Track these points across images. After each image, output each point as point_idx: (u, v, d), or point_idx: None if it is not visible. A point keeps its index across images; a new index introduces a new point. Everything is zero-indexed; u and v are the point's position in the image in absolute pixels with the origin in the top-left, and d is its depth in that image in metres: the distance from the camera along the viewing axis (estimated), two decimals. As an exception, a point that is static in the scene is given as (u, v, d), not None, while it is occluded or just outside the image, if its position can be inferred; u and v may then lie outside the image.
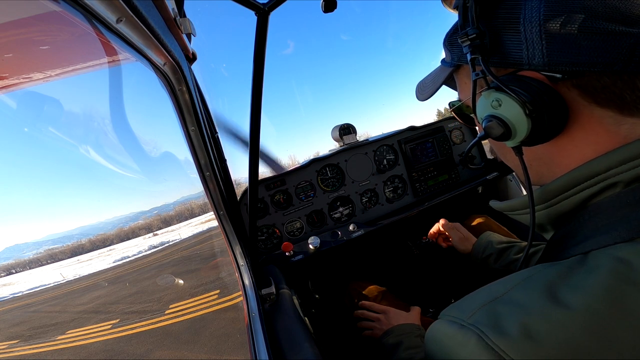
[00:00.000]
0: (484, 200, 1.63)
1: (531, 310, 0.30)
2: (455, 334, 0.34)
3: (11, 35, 0.52)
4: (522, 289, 0.33)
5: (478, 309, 0.33)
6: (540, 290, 0.31)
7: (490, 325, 0.31)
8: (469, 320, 0.33)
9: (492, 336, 0.30)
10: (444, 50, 0.49)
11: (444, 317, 0.37)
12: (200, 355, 3.55)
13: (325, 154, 1.48)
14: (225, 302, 4.90)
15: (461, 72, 0.48)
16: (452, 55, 0.47)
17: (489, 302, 0.33)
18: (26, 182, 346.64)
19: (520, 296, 0.32)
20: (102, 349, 4.71)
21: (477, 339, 0.31)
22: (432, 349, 0.38)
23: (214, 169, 0.93)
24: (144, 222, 75.32)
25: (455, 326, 0.34)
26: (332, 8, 0.71)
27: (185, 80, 0.77)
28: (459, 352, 0.33)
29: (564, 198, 0.38)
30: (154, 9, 0.58)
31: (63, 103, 8.89)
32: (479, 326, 0.31)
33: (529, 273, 0.34)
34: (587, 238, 0.33)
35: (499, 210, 0.48)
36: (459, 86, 0.51)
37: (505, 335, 0.29)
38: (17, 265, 63.64)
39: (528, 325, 0.29)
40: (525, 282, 0.33)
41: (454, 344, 0.34)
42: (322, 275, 1.55)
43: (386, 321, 0.92)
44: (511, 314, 0.31)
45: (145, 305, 6.38)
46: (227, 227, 1.02)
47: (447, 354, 0.35)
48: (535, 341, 0.28)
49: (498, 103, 0.38)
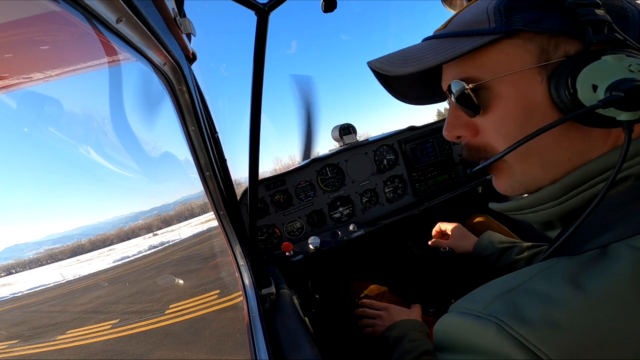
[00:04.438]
0: (484, 200, 1.63)
1: (554, 298, 0.29)
2: (471, 325, 0.33)
3: (11, 35, 0.52)
4: (542, 279, 0.32)
5: (493, 299, 0.33)
6: (563, 280, 0.30)
7: (510, 314, 0.30)
8: (486, 311, 0.32)
9: (514, 325, 0.29)
10: (491, 15, 0.38)
11: (455, 310, 0.36)
12: (200, 355, 3.55)
13: (325, 154, 1.48)
14: (225, 302, 4.91)
15: (505, 44, 0.37)
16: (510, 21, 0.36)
17: (505, 293, 0.32)
18: (26, 182, 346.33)
19: (540, 286, 0.31)
20: (102, 349, 4.71)
21: (496, 329, 0.30)
22: (444, 341, 0.37)
23: (214, 169, 0.93)
24: (144, 222, 75.37)
25: (470, 317, 0.33)
26: (332, 8, 0.71)
27: (185, 80, 0.77)
28: (476, 343, 0.32)
29: (576, 194, 0.37)
30: (154, 9, 0.58)
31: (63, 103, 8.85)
32: (497, 316, 0.30)
33: (546, 265, 0.33)
34: (603, 232, 0.33)
35: (502, 211, 0.46)
36: (493, 64, 0.39)
37: (528, 324, 0.28)
38: (17, 265, 63.66)
39: (551, 313, 0.28)
40: (544, 272, 0.32)
41: (470, 335, 0.33)
42: (322, 275, 1.55)
43: (388, 317, 0.92)
44: (532, 302, 0.30)
45: (145, 305, 6.38)
46: (227, 227, 1.02)
47: (463, 346, 0.34)
48: (561, 328, 0.27)
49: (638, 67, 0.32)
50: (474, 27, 0.39)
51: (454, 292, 1.36)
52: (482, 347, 0.31)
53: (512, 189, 0.44)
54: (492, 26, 0.37)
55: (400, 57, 0.44)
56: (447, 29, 0.43)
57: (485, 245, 0.90)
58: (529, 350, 0.27)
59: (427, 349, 0.73)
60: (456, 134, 0.45)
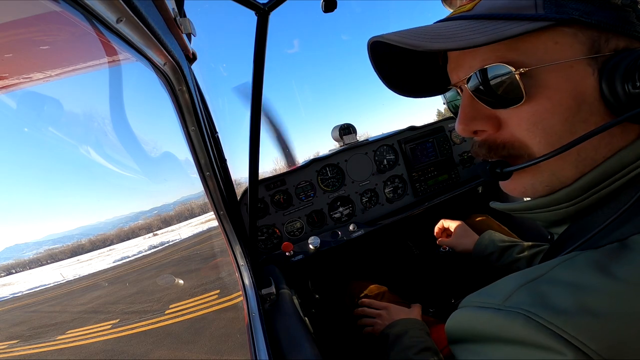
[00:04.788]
0: (484, 200, 1.63)
1: (585, 286, 0.28)
2: (491, 318, 0.31)
3: (11, 35, 0.52)
4: (565, 268, 0.31)
5: (514, 291, 0.31)
6: (590, 268, 0.29)
7: (538, 304, 0.28)
8: (507, 304, 0.30)
9: (545, 314, 0.27)
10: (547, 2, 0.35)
11: (470, 304, 0.34)
12: (200, 355, 3.55)
13: (325, 154, 1.48)
14: (225, 302, 4.91)
15: (555, 32, 0.35)
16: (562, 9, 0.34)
17: (526, 284, 0.31)
18: (26, 182, 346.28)
19: (566, 274, 0.30)
20: (102, 349, 4.71)
21: (524, 320, 0.28)
22: (461, 336, 0.35)
23: (214, 169, 0.94)
24: (144, 222, 75.36)
25: (489, 311, 0.31)
26: (332, 8, 0.72)
27: (185, 80, 0.77)
28: (501, 336, 0.30)
29: (593, 193, 0.36)
30: (154, 9, 0.58)
31: (63, 103, 8.85)
32: (523, 307, 0.29)
33: (565, 257, 0.32)
34: (620, 225, 0.32)
35: (509, 211, 0.44)
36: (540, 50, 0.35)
37: (561, 312, 0.27)
38: (17, 265, 63.64)
39: (584, 300, 0.27)
40: (565, 263, 0.31)
41: (493, 328, 0.31)
42: (322, 275, 1.55)
43: (387, 316, 0.92)
44: (560, 291, 0.28)
45: (145, 305, 6.38)
46: (227, 227, 1.02)
47: (485, 340, 0.32)
48: (597, 316, 0.26)
49: None
50: (518, 12, 0.35)
51: (454, 292, 1.36)
52: (510, 339, 0.29)
53: (533, 190, 0.40)
54: (540, 12, 0.34)
55: (429, 34, 0.38)
56: (477, 11, 0.38)
57: (486, 244, 0.89)
58: (564, 340, 0.26)
59: (428, 346, 0.73)
60: (474, 128, 0.41)
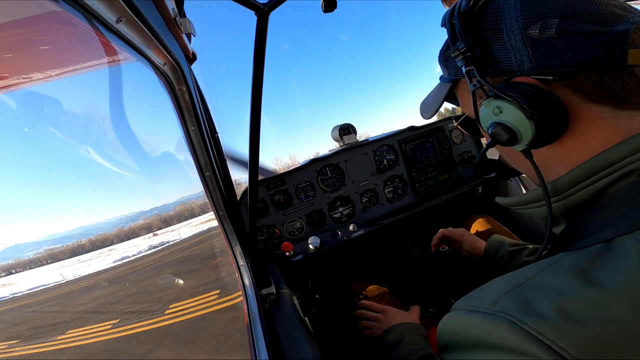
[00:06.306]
0: (484, 200, 1.63)
1: (566, 292, 0.29)
2: (479, 322, 0.32)
3: (11, 35, 0.52)
4: (549, 273, 0.32)
5: (501, 296, 0.32)
6: (572, 274, 0.30)
7: (522, 309, 0.29)
8: (494, 308, 0.31)
9: (527, 320, 0.28)
10: (441, 68, 0.51)
11: (461, 308, 0.35)
12: (200, 355, 3.55)
13: (325, 154, 1.48)
14: (225, 302, 4.90)
15: (460, 86, 0.50)
16: (448, 71, 0.49)
17: (513, 289, 0.32)
18: (26, 182, 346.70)
19: (549, 280, 0.31)
20: (102, 349, 4.71)
21: (508, 325, 0.29)
22: (451, 340, 0.36)
23: (214, 169, 0.93)
24: (144, 222, 75.33)
25: (478, 315, 0.32)
26: (332, 8, 0.72)
27: (185, 80, 0.77)
28: (487, 340, 0.31)
29: (580, 189, 0.37)
30: (154, 9, 0.58)
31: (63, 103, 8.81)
32: (508, 312, 0.30)
33: (552, 260, 0.33)
34: (607, 226, 0.33)
35: (508, 205, 0.47)
36: (461, 100, 0.52)
37: (542, 318, 0.28)
38: (17, 265, 63.61)
39: (565, 307, 0.28)
40: (551, 267, 0.32)
41: (480, 332, 0.32)
42: (322, 275, 1.55)
43: (385, 320, 0.92)
44: (543, 297, 0.29)
45: (145, 305, 6.38)
46: (227, 227, 1.02)
47: (473, 344, 0.33)
48: (576, 322, 0.27)
49: (499, 110, 0.40)
50: (446, 75, 0.51)
51: (453, 292, 1.36)
52: (495, 344, 0.30)
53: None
54: (445, 76, 0.51)
55: (423, 105, 0.58)
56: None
57: (496, 248, 0.91)
58: (545, 345, 0.27)
59: (425, 353, 0.72)
60: None
